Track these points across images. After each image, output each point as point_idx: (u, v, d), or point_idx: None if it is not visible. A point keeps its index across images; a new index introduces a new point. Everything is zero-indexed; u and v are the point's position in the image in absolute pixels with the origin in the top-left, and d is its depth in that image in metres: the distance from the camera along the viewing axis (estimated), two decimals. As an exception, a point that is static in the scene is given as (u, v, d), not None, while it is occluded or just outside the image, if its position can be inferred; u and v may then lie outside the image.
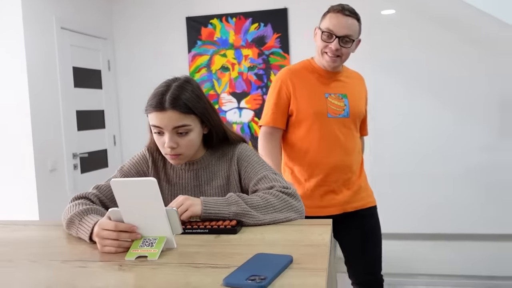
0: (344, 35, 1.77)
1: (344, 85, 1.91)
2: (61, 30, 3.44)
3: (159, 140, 1.25)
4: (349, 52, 1.84)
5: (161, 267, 0.90)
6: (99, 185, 1.31)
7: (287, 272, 0.84)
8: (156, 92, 1.23)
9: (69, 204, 1.22)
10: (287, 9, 3.77)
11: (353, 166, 1.91)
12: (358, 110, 1.92)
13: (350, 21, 1.78)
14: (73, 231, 1.14)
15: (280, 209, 1.16)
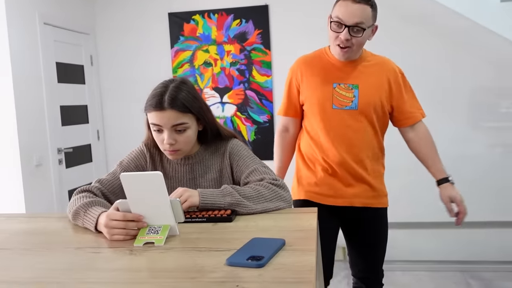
0: (354, 23, 1.64)
1: (358, 75, 1.78)
2: (44, 26, 3.46)
3: (158, 137, 1.34)
4: (362, 42, 1.72)
5: (168, 251, 1.00)
6: (101, 179, 1.39)
7: (281, 253, 0.96)
8: (155, 93, 1.32)
9: (74, 197, 1.30)
10: (268, 6, 3.86)
11: (363, 161, 1.81)
12: (371, 101, 1.77)
13: (361, 8, 1.64)
14: (79, 222, 1.23)
15: (270, 199, 1.27)
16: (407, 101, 1.84)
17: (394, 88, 1.80)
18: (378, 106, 1.78)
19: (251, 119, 3.99)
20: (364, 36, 1.69)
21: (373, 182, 1.84)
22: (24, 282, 0.87)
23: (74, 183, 3.79)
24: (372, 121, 1.79)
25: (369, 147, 1.81)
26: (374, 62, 1.83)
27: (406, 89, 1.84)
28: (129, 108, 4.17)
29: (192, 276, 0.86)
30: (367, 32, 1.70)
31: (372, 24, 1.70)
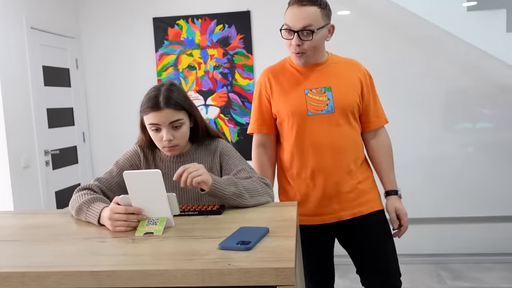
0: (302, 28, 1.59)
1: (328, 77, 1.72)
2: (31, 30, 3.53)
3: (157, 136, 1.47)
4: (317, 44, 1.65)
5: (166, 239, 1.14)
6: (99, 178, 1.51)
7: (266, 239, 1.10)
8: (150, 96, 1.45)
9: (75, 195, 1.42)
10: (250, 12, 4.01)
11: (348, 167, 1.72)
12: (347, 101, 1.71)
13: (307, 10, 1.58)
14: (82, 216, 1.35)
15: (262, 194, 1.42)
16: (373, 104, 1.79)
17: (365, 89, 1.77)
18: (355, 105, 1.73)
19: (234, 121, 4.13)
20: (316, 39, 1.62)
21: (361, 187, 1.74)
22: (44, 265, 0.99)
23: (61, 184, 3.86)
24: (352, 122, 1.73)
25: (353, 150, 1.73)
26: (342, 63, 1.78)
27: (373, 93, 1.81)
28: (114, 110, 4.26)
29: (189, 258, 1.00)
30: (321, 34, 1.64)
31: (324, 24, 1.63)
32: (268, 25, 4.00)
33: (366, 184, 1.78)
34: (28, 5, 3.52)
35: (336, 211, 1.73)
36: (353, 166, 1.73)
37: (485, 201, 3.71)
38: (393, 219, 1.82)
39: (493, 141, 3.77)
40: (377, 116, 1.81)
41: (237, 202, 1.38)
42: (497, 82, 3.75)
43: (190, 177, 1.30)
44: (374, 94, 1.82)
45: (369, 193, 1.78)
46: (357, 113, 1.76)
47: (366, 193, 1.77)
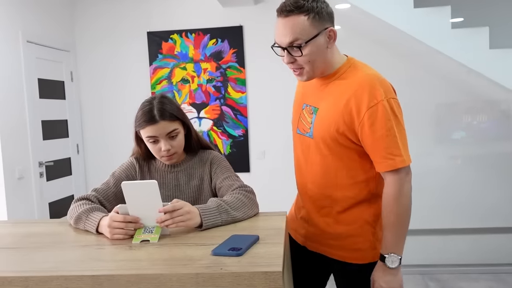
0: (288, 44, 1.35)
1: (324, 95, 1.45)
2: (27, 44, 3.60)
3: (155, 148, 1.54)
4: (311, 59, 1.37)
5: (162, 247, 1.20)
6: (96, 188, 1.58)
7: (256, 245, 1.17)
8: (144, 111, 1.52)
9: (74, 204, 1.48)
10: (242, 27, 4.12)
11: (320, 201, 1.50)
12: (323, 130, 1.42)
13: (292, 22, 1.32)
14: (80, 225, 1.41)
15: (249, 206, 1.48)
16: (371, 143, 1.36)
17: (356, 122, 1.36)
18: (332, 140, 1.40)
19: (226, 133, 4.21)
20: (309, 52, 1.35)
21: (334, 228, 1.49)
22: (46, 270, 1.05)
23: (55, 195, 3.90)
24: (331, 156, 1.43)
25: (332, 185, 1.46)
26: (347, 80, 1.41)
27: (375, 126, 1.33)
28: (108, 123, 4.32)
29: (184, 263, 1.06)
30: (314, 45, 1.35)
31: (316, 33, 1.34)
32: (260, 40, 4.11)
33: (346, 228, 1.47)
34: (24, 19, 3.60)
35: (303, 235, 1.58)
36: (331, 203, 1.48)
37: (471, 212, 3.81)
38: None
39: (479, 153, 3.88)
40: (374, 158, 1.39)
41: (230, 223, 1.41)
42: (482, 97, 3.88)
43: (172, 222, 1.25)
44: (373, 130, 1.34)
45: (340, 239, 1.48)
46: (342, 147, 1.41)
47: (341, 237, 1.48)
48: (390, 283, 1.39)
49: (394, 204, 1.39)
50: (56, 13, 4.05)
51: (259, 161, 4.20)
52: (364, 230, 1.47)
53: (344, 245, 1.49)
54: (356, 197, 1.46)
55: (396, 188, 1.39)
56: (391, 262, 1.38)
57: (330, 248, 1.52)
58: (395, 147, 1.35)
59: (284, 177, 4.18)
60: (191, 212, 1.31)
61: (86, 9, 4.29)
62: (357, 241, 1.47)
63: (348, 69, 1.44)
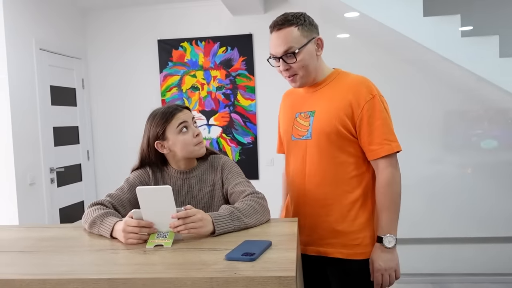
0: (283, 52, 1.53)
1: (317, 100, 1.61)
2: (40, 51, 3.66)
3: (186, 136, 1.59)
4: (305, 63, 1.55)
5: (176, 251, 1.22)
6: (111, 194, 1.60)
7: (269, 251, 1.18)
8: (163, 110, 1.62)
9: (88, 209, 1.50)
10: (252, 35, 4.15)
11: (320, 201, 1.59)
12: (324, 129, 1.56)
13: (283, 34, 1.53)
14: (95, 229, 1.43)
15: (262, 213, 1.49)
16: (367, 132, 1.53)
17: (355, 114, 1.54)
18: (336, 133, 1.54)
19: (236, 141, 4.23)
20: (302, 58, 1.54)
21: (339, 227, 1.57)
22: (63, 273, 1.07)
23: (65, 201, 3.94)
24: (330, 152, 1.56)
25: (333, 183, 1.57)
26: (341, 83, 1.60)
27: (370, 119, 1.52)
28: (118, 129, 4.36)
29: (198, 268, 1.07)
30: (306, 52, 1.54)
31: (307, 41, 1.54)
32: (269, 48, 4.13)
33: (345, 225, 1.56)
34: (38, 27, 3.66)
35: (301, 242, 1.62)
36: (330, 199, 1.57)
37: (483, 222, 3.78)
38: (370, 271, 1.56)
39: (490, 162, 3.86)
40: (371, 146, 1.53)
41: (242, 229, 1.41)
42: (492, 105, 3.87)
43: (184, 228, 1.27)
44: (371, 121, 1.52)
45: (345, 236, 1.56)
46: (347, 142, 1.55)
47: (341, 235, 1.56)
48: (388, 262, 1.53)
49: (388, 188, 1.54)
50: (68, 21, 4.11)
51: (268, 168, 4.21)
52: (363, 226, 1.58)
53: (345, 242, 1.57)
54: (354, 191, 1.58)
55: (390, 173, 1.54)
56: (388, 242, 1.52)
57: (332, 247, 1.59)
58: (391, 134, 1.56)
59: (293, 185, 4.19)
60: (203, 220, 1.32)
61: (97, 18, 4.35)
62: (357, 237, 1.57)
63: (337, 76, 1.64)
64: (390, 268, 1.54)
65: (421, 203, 3.82)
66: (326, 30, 3.95)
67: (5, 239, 1.43)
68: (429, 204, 3.87)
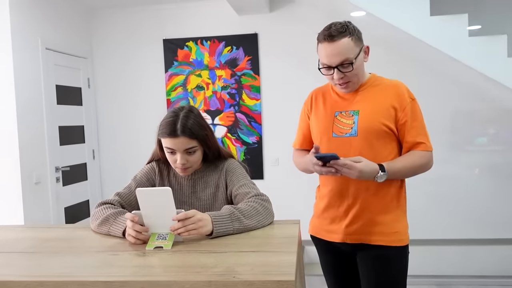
0: (339, 63, 1.62)
1: (360, 100, 1.73)
2: (46, 51, 3.67)
3: (171, 158, 1.55)
4: (358, 71, 1.67)
5: (175, 253, 1.21)
6: (119, 193, 1.60)
7: (269, 254, 1.17)
8: (168, 121, 1.53)
9: (97, 209, 1.50)
10: (257, 34, 4.14)
11: (363, 193, 1.69)
12: (371, 126, 1.67)
13: (340, 45, 1.60)
14: (105, 228, 1.43)
15: (264, 215, 1.48)
16: (409, 130, 1.69)
17: (400, 115, 1.68)
18: (380, 131, 1.67)
19: (240, 140, 4.22)
20: (356, 67, 1.64)
21: (378, 218, 1.69)
22: (61, 275, 1.06)
23: (70, 200, 3.95)
24: (375, 148, 1.67)
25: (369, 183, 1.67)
26: (380, 86, 1.74)
27: (413, 117, 1.70)
28: (124, 129, 4.37)
29: (197, 271, 1.06)
30: (359, 60, 1.66)
31: (359, 51, 1.65)
32: (275, 47, 4.12)
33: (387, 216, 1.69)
34: (44, 27, 3.67)
35: (342, 231, 1.72)
36: (368, 193, 1.68)
37: (489, 222, 3.74)
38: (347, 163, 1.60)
39: (497, 163, 3.82)
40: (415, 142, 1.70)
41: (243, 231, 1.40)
42: (500, 105, 3.82)
43: (184, 229, 1.27)
44: (414, 119, 1.70)
45: (385, 225, 1.69)
46: (388, 138, 1.69)
47: (379, 224, 1.69)
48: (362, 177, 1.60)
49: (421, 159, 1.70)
50: (74, 21, 4.12)
51: (273, 168, 4.20)
52: (399, 215, 1.73)
53: (384, 230, 1.69)
54: (393, 184, 1.71)
55: (430, 155, 1.75)
56: (380, 177, 1.62)
57: (373, 235, 1.70)
58: (426, 134, 1.75)
59: (298, 184, 4.17)
60: (203, 220, 1.31)
61: (103, 17, 4.36)
62: (396, 225, 1.71)
63: (376, 80, 1.77)
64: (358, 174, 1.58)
65: (427, 203, 3.79)
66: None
67: (8, 239, 1.43)
68: (435, 204, 3.83)
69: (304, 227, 2.17)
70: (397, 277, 1.72)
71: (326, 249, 1.85)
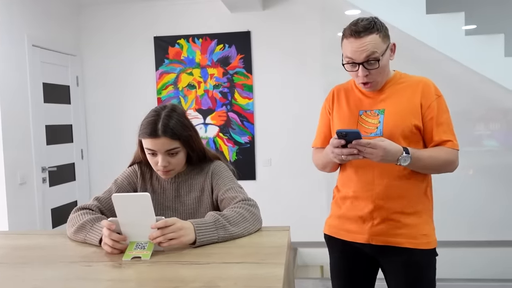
0: (366, 59, 1.55)
1: (386, 99, 1.66)
2: (32, 48, 3.57)
3: (153, 160, 1.46)
4: (383, 69, 1.61)
5: (154, 265, 1.12)
6: (98, 197, 1.50)
7: (255, 266, 1.08)
8: (149, 121, 1.44)
9: (74, 214, 1.41)
10: (250, 32, 4.05)
11: (391, 194, 1.63)
12: (397, 126, 1.61)
13: (367, 40, 1.54)
14: (81, 235, 1.33)
15: (251, 222, 1.39)
16: (435, 128, 1.63)
17: (426, 112, 1.63)
18: (407, 130, 1.61)
19: (233, 140, 4.13)
20: (382, 64, 1.58)
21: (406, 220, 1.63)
22: (26, 291, 0.98)
23: (57, 201, 3.85)
24: None
25: (397, 177, 1.61)
26: (405, 83, 1.68)
27: (439, 114, 1.64)
28: (113, 128, 4.27)
29: (175, 285, 0.98)
30: (385, 57, 1.60)
31: (386, 47, 1.59)
32: (268, 45, 4.04)
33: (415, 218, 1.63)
34: (30, 23, 3.56)
35: (367, 232, 1.65)
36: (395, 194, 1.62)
37: (484, 225, 3.68)
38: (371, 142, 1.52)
39: (492, 164, 3.76)
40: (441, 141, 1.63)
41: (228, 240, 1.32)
42: (496, 106, 3.76)
43: (163, 239, 1.19)
44: (439, 116, 1.64)
45: (412, 227, 1.62)
46: (415, 138, 1.62)
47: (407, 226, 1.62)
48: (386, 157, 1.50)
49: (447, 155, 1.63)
50: (62, 17, 4.02)
51: (265, 168, 4.11)
52: (427, 218, 1.67)
53: (412, 233, 1.62)
54: (420, 185, 1.66)
55: (456, 153, 1.66)
56: (404, 160, 1.52)
57: (401, 237, 1.62)
58: (452, 133, 1.67)
59: (291, 185, 4.10)
60: (184, 228, 1.22)
61: (92, 14, 4.26)
62: (424, 228, 1.64)
63: (401, 77, 1.70)
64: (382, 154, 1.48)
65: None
66: (327, 28, 3.90)
67: (-23, 247, 1.34)
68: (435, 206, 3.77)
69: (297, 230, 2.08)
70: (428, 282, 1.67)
71: (343, 250, 1.76)
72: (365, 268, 1.76)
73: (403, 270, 1.65)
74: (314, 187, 3.95)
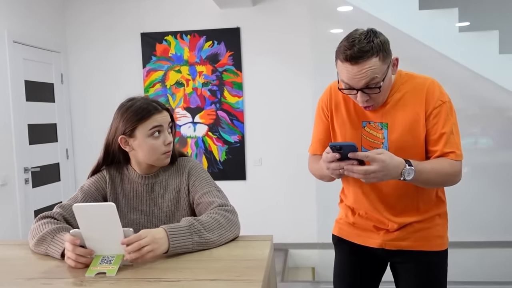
0: (365, 85, 1.38)
1: (389, 110, 1.51)
2: (13, 44, 3.44)
3: (157, 142, 1.40)
4: (385, 89, 1.44)
5: (118, 282, 1.02)
6: (62, 204, 1.41)
7: (228, 282, 0.99)
8: (140, 105, 1.41)
9: (36, 224, 1.31)
10: (239, 29, 3.95)
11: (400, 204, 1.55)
12: (402, 142, 1.48)
13: (367, 66, 1.35)
14: (42, 248, 1.24)
15: (227, 228, 1.30)
16: (439, 138, 1.48)
17: (428, 120, 1.48)
18: (412, 146, 1.48)
19: (222, 139, 4.03)
20: (384, 87, 1.42)
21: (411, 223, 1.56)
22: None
23: (41, 203, 3.73)
24: None
25: (406, 185, 1.47)
26: (407, 89, 1.51)
27: (442, 123, 1.48)
28: (100, 127, 4.13)
29: (138, 309, 0.88)
30: (388, 77, 1.43)
31: (387, 68, 1.41)
32: (258, 42, 3.93)
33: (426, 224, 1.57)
34: (10, 18, 3.44)
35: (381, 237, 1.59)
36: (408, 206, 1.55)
37: (477, 225, 3.61)
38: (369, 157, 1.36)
39: (486, 163, 3.68)
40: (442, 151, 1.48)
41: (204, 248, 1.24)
42: (490, 104, 3.69)
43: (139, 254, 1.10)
44: (442, 125, 1.48)
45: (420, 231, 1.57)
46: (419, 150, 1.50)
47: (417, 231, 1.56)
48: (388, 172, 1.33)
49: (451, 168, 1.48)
50: (45, 12, 3.89)
51: (255, 168, 4.02)
52: (441, 220, 1.61)
53: (425, 236, 1.57)
54: (432, 194, 1.58)
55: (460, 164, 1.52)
56: (408, 173, 1.36)
57: (416, 241, 1.57)
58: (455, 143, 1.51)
59: (281, 185, 4.01)
60: (156, 239, 1.13)
61: (78, 9, 4.13)
62: (438, 230, 1.59)
63: (404, 82, 1.52)
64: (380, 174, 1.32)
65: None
66: (319, 25, 3.80)
67: None
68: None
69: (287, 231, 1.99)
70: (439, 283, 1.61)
71: (352, 252, 1.68)
72: (372, 269, 1.70)
73: (414, 271, 1.60)
74: (305, 188, 3.86)
